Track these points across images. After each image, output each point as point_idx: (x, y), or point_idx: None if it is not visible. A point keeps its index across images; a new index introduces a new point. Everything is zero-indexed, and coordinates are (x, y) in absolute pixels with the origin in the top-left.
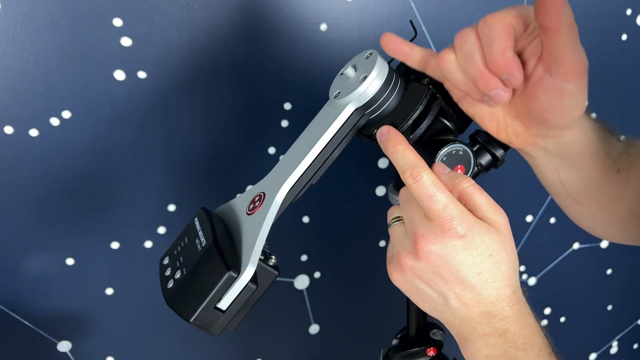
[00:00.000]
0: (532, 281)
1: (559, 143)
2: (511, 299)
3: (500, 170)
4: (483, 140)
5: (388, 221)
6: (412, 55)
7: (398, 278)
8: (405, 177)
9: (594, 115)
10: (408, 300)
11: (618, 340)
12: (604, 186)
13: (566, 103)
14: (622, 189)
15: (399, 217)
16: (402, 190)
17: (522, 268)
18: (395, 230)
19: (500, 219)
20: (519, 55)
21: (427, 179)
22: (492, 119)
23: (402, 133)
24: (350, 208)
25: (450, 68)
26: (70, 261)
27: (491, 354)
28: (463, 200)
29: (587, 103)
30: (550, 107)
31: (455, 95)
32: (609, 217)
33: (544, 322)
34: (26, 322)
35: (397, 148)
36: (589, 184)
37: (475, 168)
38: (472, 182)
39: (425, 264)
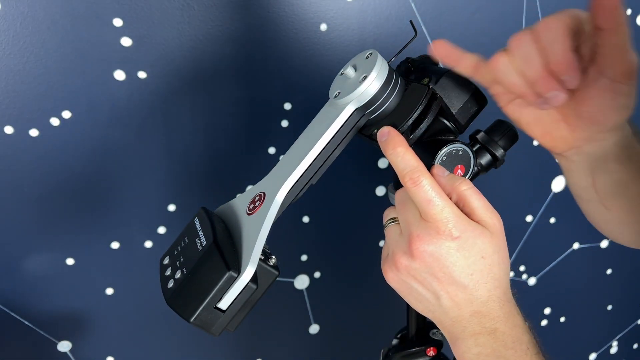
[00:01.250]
0: (532, 281)
1: (603, 146)
2: (501, 299)
3: (500, 170)
4: (483, 140)
5: (384, 222)
6: (463, 61)
7: (392, 277)
8: (404, 180)
9: None
10: None
11: (618, 340)
12: (633, 190)
13: (619, 104)
14: None
15: (394, 218)
16: (398, 192)
17: (522, 268)
18: (390, 231)
19: (495, 223)
20: None
21: (427, 184)
22: (537, 123)
23: (402, 133)
24: (350, 208)
25: (505, 70)
26: (70, 261)
27: (481, 352)
28: (461, 203)
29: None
30: (603, 109)
31: (502, 100)
32: (636, 222)
33: (544, 322)
34: (26, 322)
35: (396, 150)
36: (620, 188)
37: (475, 168)
38: (471, 184)
39: (420, 264)
